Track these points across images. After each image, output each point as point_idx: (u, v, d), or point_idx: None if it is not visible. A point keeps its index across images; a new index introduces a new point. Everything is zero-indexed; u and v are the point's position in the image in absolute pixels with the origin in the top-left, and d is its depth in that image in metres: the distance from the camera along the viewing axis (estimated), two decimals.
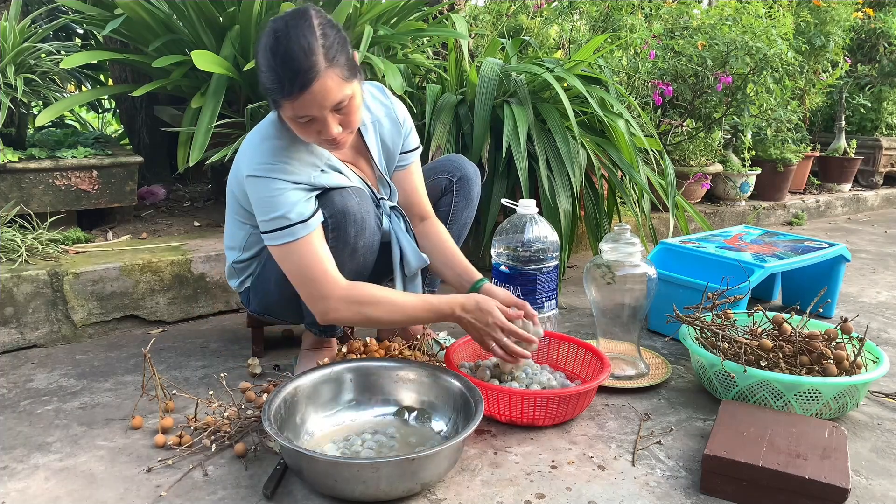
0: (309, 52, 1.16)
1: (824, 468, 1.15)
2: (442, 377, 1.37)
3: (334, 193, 1.35)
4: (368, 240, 1.41)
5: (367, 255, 1.44)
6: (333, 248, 1.36)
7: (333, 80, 1.19)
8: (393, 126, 1.51)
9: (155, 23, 2.12)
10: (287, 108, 1.20)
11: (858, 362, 1.47)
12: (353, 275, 1.43)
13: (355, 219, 1.36)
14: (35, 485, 1.19)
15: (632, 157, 2.35)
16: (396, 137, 1.52)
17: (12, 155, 1.99)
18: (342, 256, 1.38)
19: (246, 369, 1.66)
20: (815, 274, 2.09)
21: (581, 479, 1.23)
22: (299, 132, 1.26)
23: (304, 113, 1.20)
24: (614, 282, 1.59)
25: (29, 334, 1.79)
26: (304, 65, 1.16)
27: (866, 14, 4.31)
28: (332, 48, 1.19)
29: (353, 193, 1.37)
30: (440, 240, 1.57)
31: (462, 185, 1.66)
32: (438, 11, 2.99)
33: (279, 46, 1.16)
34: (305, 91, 1.17)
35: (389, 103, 1.52)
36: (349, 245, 1.38)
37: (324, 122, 1.22)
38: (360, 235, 1.38)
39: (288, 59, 1.16)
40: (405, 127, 1.54)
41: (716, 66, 3.04)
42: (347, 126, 1.27)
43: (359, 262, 1.42)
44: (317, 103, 1.19)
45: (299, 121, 1.23)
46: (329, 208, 1.35)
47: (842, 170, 4.17)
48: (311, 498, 1.16)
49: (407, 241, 1.51)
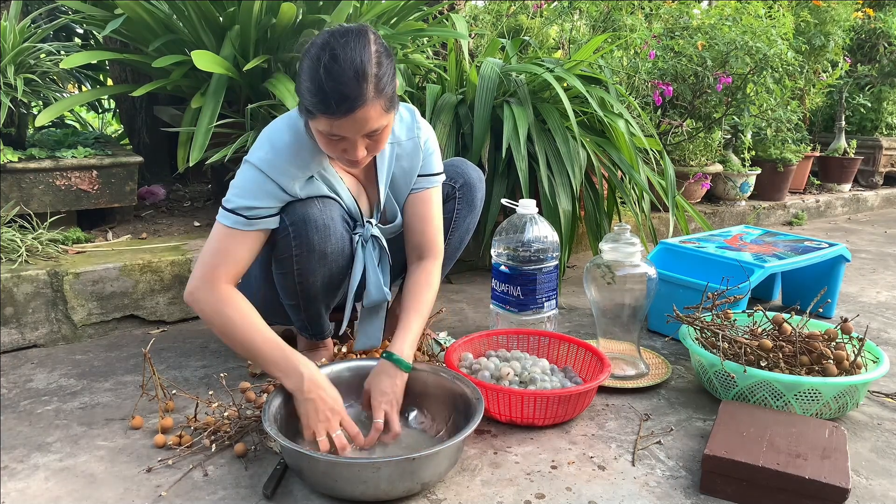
0: (362, 78, 1.15)
1: (824, 468, 1.15)
2: (442, 377, 1.37)
3: (297, 203, 1.36)
4: (337, 245, 1.40)
5: (340, 260, 1.43)
6: (298, 255, 1.37)
7: (376, 110, 1.19)
8: (414, 149, 1.48)
9: (155, 23, 2.12)
10: (322, 123, 1.20)
11: (858, 362, 1.47)
12: (328, 279, 1.43)
13: (317, 224, 1.36)
14: (35, 485, 1.18)
15: (632, 157, 2.35)
16: (416, 159, 1.49)
17: (12, 155, 1.99)
18: (310, 263, 1.39)
19: (246, 369, 1.66)
20: (815, 274, 2.09)
21: (581, 479, 1.23)
22: (324, 145, 1.26)
23: (338, 133, 1.21)
24: (614, 282, 1.59)
25: (29, 334, 1.79)
26: (354, 91, 1.15)
27: (866, 14, 4.31)
28: (384, 79, 1.19)
29: (317, 202, 1.37)
30: (407, 291, 1.47)
31: (465, 191, 1.64)
32: (438, 11, 3.00)
33: (333, 64, 1.15)
34: (348, 116, 1.17)
35: (416, 127, 1.48)
36: (315, 251, 1.38)
37: (353, 144, 1.23)
38: (325, 241, 1.38)
39: (340, 80, 1.15)
40: (426, 149, 1.50)
41: (716, 66, 3.04)
42: (373, 151, 1.28)
43: (331, 269, 1.42)
44: (354, 128, 1.20)
45: (331, 137, 1.23)
46: (290, 216, 1.35)
47: (842, 170, 4.17)
48: (311, 498, 1.16)
49: (373, 274, 1.47)
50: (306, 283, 1.42)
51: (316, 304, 1.48)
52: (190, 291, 1.31)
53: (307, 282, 1.42)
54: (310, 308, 1.49)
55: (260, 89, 2.19)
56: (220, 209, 1.33)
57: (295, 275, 1.41)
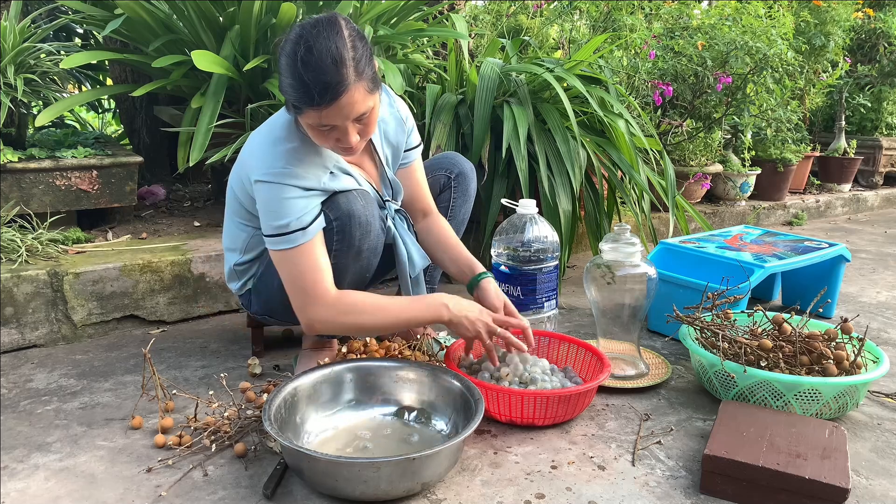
0: (340, 64, 1.17)
1: (824, 468, 1.15)
2: (442, 377, 1.37)
3: (339, 197, 1.36)
4: (373, 242, 1.41)
5: (371, 258, 1.44)
6: (338, 250, 1.37)
7: (360, 92, 1.20)
8: (397, 125, 1.54)
9: (155, 23, 2.12)
10: (311, 116, 1.21)
11: (858, 362, 1.47)
12: (356, 276, 1.43)
13: (360, 221, 1.37)
14: (35, 485, 1.19)
15: (632, 157, 2.35)
16: (401, 136, 1.55)
17: (12, 155, 1.99)
18: (346, 259, 1.39)
19: (246, 369, 1.66)
20: (815, 274, 2.09)
21: (581, 479, 1.23)
22: (317, 138, 1.27)
23: (327, 122, 1.22)
24: (614, 282, 1.59)
25: (29, 334, 1.79)
26: (334, 78, 1.16)
27: (866, 14, 4.31)
28: (361, 61, 1.20)
29: (359, 196, 1.38)
30: (443, 235, 1.61)
31: (460, 181, 1.72)
32: (438, 11, 3.00)
33: (310, 56, 1.16)
34: (334, 103, 1.18)
35: (393, 102, 1.54)
36: (353, 248, 1.38)
37: (344, 132, 1.24)
38: (364, 238, 1.39)
39: (318, 70, 1.16)
40: (408, 125, 1.57)
41: (716, 66, 3.04)
42: (365, 135, 1.29)
43: (362, 265, 1.43)
44: (342, 114, 1.21)
45: (321, 129, 1.24)
46: (334, 211, 1.35)
47: (842, 170, 4.17)
48: (311, 498, 1.16)
49: (412, 243, 1.55)
50: (336, 279, 1.41)
51: None
52: (307, 325, 1.33)
53: (337, 278, 1.41)
54: None
55: (260, 89, 2.19)
56: (268, 240, 1.32)
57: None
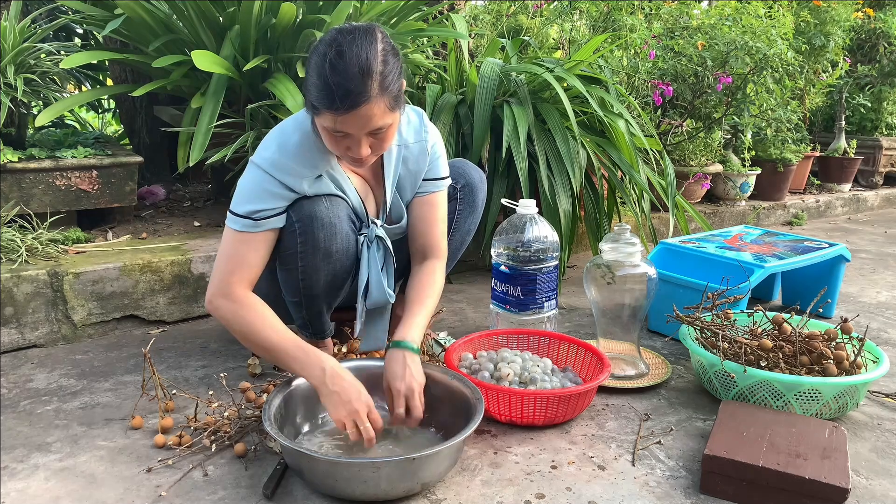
0: (366, 75, 1.16)
1: (824, 468, 1.15)
2: (442, 377, 1.37)
3: (304, 200, 1.36)
4: (342, 244, 1.41)
5: (345, 260, 1.44)
6: (303, 252, 1.37)
7: (380, 107, 1.20)
8: (420, 152, 1.48)
9: (155, 23, 2.12)
10: (327, 118, 1.21)
11: (858, 362, 1.47)
12: (333, 278, 1.44)
13: (323, 223, 1.36)
14: (35, 485, 1.19)
15: (632, 157, 2.35)
16: (422, 162, 1.49)
17: (12, 155, 1.99)
18: (314, 260, 1.39)
19: (246, 369, 1.66)
20: (815, 274, 2.09)
21: (581, 479, 1.23)
22: (329, 142, 1.27)
23: (342, 129, 1.22)
24: (614, 282, 1.59)
25: (29, 334, 1.79)
26: (358, 87, 1.16)
27: (866, 14, 4.31)
28: (389, 77, 1.20)
29: (324, 199, 1.37)
30: (411, 287, 1.50)
31: (467, 192, 1.65)
32: (438, 11, 2.99)
33: (339, 61, 1.16)
34: (352, 112, 1.18)
35: (423, 130, 1.49)
36: (320, 249, 1.38)
37: (357, 142, 1.24)
38: (331, 239, 1.38)
39: (344, 75, 1.16)
40: (433, 153, 1.50)
41: (716, 66, 3.04)
42: (377, 150, 1.29)
43: (335, 267, 1.43)
44: (358, 124, 1.21)
45: (335, 134, 1.24)
46: (297, 213, 1.36)
47: (842, 170, 4.17)
48: (311, 498, 1.16)
49: (376, 275, 1.48)
50: (309, 280, 1.42)
51: (317, 303, 1.48)
52: (209, 300, 1.32)
53: (310, 279, 1.42)
54: (311, 306, 1.49)
55: (260, 89, 2.19)
56: (228, 214, 1.33)
57: (299, 272, 1.41)
